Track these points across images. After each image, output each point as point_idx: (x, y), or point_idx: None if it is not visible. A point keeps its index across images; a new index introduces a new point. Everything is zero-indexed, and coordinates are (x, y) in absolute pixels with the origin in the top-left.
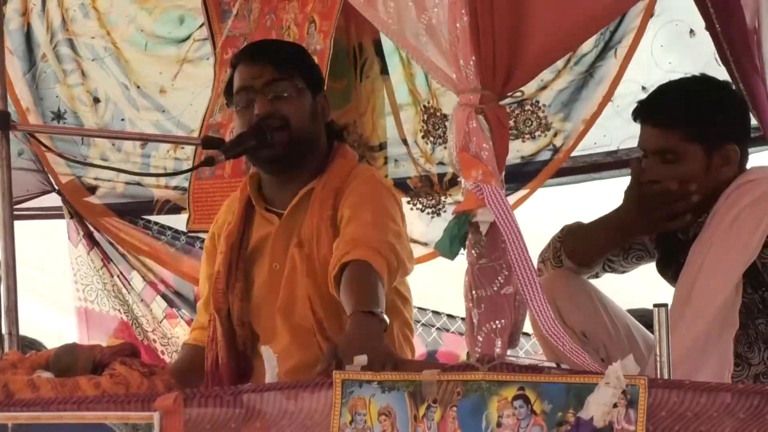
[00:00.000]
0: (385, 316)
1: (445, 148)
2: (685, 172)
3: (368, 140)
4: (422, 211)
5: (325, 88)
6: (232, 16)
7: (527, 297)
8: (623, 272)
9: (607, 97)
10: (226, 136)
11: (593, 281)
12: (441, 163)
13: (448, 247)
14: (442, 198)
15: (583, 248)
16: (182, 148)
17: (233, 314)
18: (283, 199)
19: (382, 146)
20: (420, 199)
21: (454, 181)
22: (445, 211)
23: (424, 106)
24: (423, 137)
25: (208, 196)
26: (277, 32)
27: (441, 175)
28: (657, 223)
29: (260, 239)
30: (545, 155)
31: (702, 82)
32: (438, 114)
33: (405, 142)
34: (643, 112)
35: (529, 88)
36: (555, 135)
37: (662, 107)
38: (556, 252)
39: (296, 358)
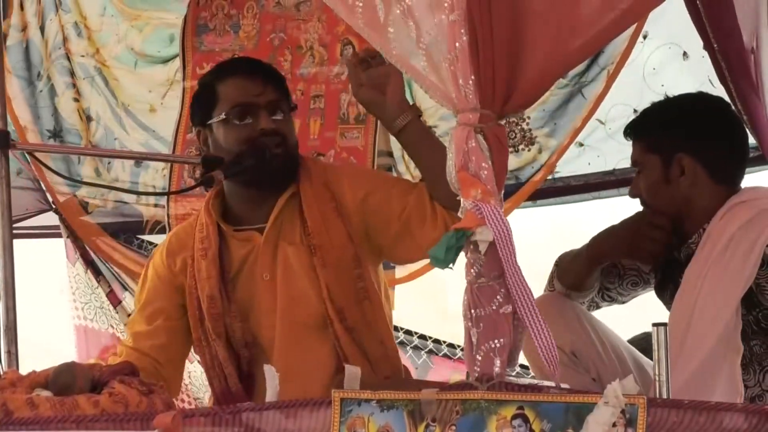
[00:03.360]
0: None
1: None
2: (647, 182)
3: None
4: None
5: None
6: (208, 31)
7: (526, 319)
8: (623, 302)
9: (590, 114)
10: None
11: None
12: None
13: (443, 255)
14: None
15: (568, 269)
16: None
17: (234, 337)
18: (258, 215)
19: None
20: None
21: None
22: None
23: None
24: None
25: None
26: (293, 52)
27: None
28: (638, 252)
29: (242, 260)
30: (529, 171)
31: (681, 97)
32: None
33: (390, 154)
34: (625, 128)
35: None
36: (540, 151)
37: (634, 122)
38: (551, 276)
39: (304, 358)
